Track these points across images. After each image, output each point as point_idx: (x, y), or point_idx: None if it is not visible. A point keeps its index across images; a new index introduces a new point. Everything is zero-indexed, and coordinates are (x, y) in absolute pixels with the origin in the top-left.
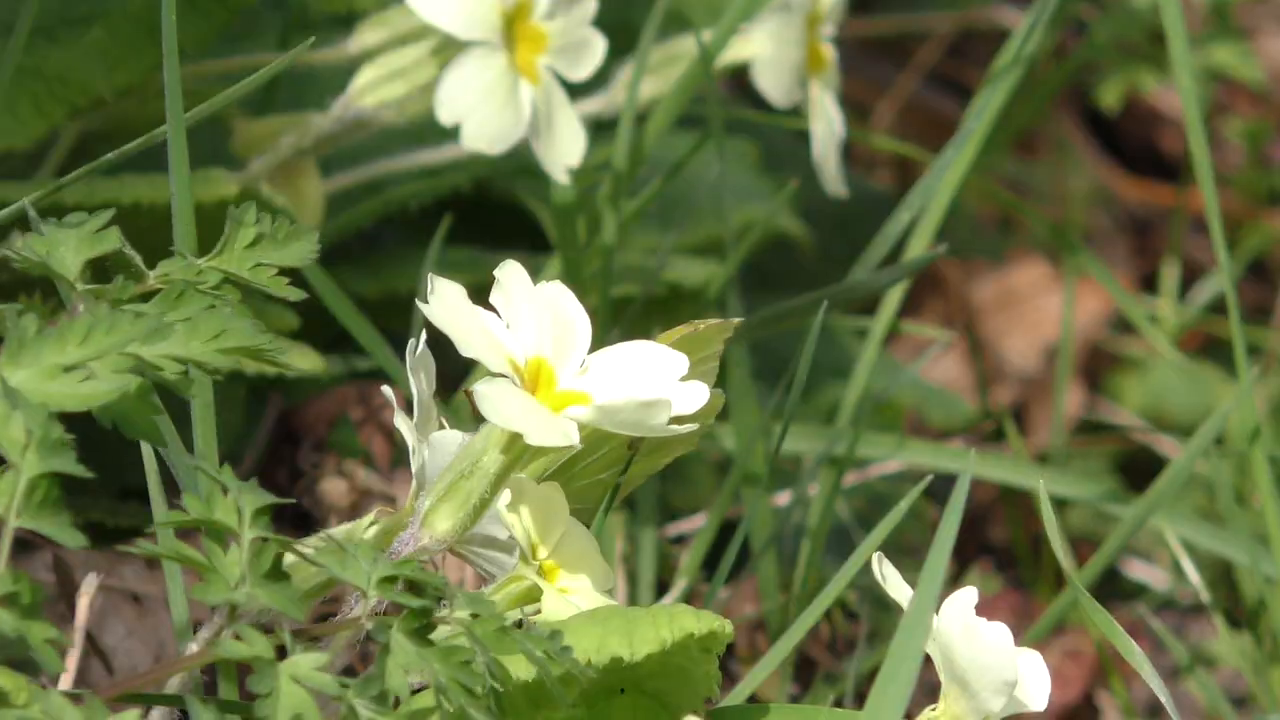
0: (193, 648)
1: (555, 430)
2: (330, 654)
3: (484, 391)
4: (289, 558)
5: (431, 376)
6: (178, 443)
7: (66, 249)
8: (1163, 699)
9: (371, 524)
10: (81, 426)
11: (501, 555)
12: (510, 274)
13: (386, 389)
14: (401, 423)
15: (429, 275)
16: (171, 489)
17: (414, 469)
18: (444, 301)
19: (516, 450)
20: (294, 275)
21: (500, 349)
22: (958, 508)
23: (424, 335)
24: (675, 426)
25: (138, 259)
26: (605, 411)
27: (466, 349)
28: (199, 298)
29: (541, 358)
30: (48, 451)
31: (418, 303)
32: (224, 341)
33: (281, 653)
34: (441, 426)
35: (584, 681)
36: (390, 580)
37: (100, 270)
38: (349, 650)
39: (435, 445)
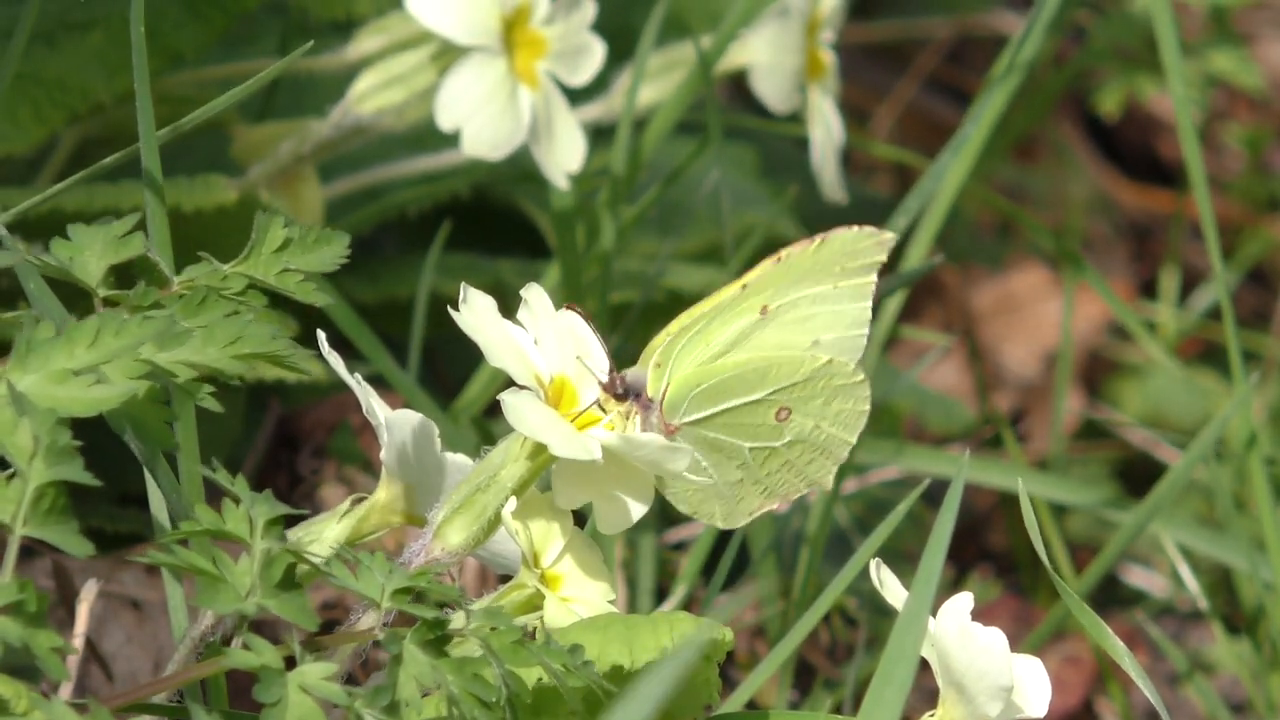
0: (187, 654)
1: (579, 444)
2: (339, 663)
3: (510, 401)
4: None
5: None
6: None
7: (90, 254)
8: (1157, 706)
9: (345, 514)
10: (81, 431)
11: (512, 550)
12: (535, 295)
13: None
14: (373, 400)
15: (462, 284)
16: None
17: (383, 456)
18: (474, 311)
19: (537, 464)
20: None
21: (527, 362)
22: (951, 510)
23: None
24: (690, 476)
25: (162, 264)
26: (629, 444)
27: (494, 359)
28: (221, 303)
29: (565, 377)
30: (55, 459)
31: (450, 310)
32: (240, 347)
33: (288, 662)
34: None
35: (600, 694)
36: (404, 591)
37: (124, 276)
38: (352, 660)
39: (447, 468)
